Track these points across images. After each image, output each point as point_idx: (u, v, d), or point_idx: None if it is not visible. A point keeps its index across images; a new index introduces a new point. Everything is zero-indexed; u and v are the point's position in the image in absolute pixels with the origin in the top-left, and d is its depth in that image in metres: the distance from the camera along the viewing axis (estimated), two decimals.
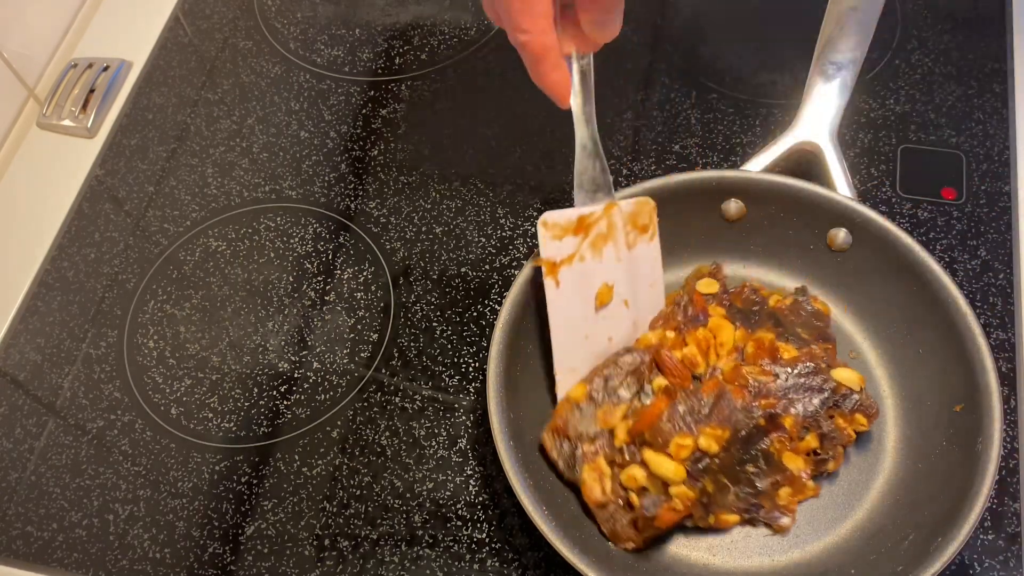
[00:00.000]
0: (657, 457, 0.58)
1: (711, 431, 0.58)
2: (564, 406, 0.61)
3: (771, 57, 0.82)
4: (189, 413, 0.69)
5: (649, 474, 0.58)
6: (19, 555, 0.64)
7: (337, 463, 0.66)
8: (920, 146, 0.76)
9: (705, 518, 0.60)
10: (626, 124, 0.79)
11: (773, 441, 0.59)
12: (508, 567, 0.62)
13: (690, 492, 0.58)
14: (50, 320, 0.74)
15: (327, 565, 0.63)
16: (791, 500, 0.61)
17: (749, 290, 0.66)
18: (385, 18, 0.88)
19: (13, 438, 0.69)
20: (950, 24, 0.82)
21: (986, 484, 0.56)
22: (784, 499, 0.61)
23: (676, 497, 0.58)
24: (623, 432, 0.60)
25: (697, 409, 0.59)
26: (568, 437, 0.60)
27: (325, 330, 0.72)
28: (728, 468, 0.59)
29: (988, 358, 0.59)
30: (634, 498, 0.59)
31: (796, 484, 0.61)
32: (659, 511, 0.58)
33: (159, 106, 0.84)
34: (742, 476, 0.59)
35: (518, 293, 0.63)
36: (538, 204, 0.76)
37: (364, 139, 0.80)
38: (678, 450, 0.58)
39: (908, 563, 0.56)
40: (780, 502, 0.61)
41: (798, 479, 0.60)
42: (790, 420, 0.60)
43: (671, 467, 0.58)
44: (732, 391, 0.59)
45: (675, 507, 0.58)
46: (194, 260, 0.76)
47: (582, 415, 0.61)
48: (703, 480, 0.58)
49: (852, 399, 0.61)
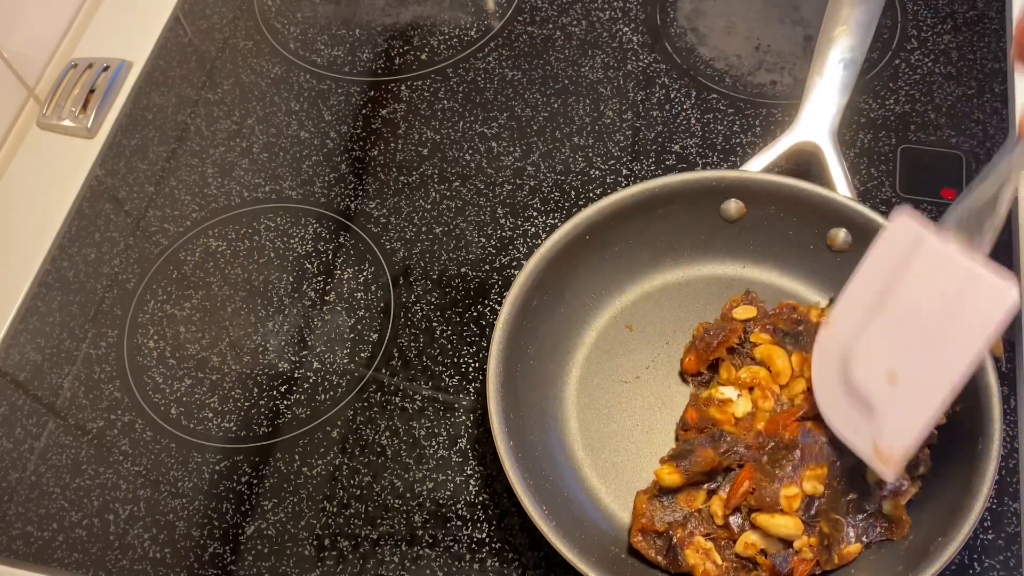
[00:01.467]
0: (771, 519, 0.57)
1: (811, 473, 0.57)
2: (641, 504, 0.59)
3: (771, 57, 0.82)
4: (189, 413, 0.69)
5: (766, 536, 0.57)
6: (19, 555, 0.64)
7: (337, 463, 0.66)
8: (920, 146, 0.76)
9: (832, 560, 0.58)
10: (626, 124, 0.79)
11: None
12: (508, 567, 0.62)
13: (813, 540, 0.57)
14: (50, 320, 0.74)
15: (327, 565, 0.63)
16: (898, 508, 0.59)
17: (788, 309, 0.64)
18: (385, 18, 0.88)
19: (13, 438, 0.69)
20: (950, 24, 0.82)
21: (986, 484, 0.55)
22: (890, 508, 0.59)
23: (801, 549, 0.57)
24: (718, 507, 0.59)
25: (787, 457, 0.58)
26: (658, 531, 0.59)
27: (325, 330, 0.72)
28: (836, 502, 0.58)
29: (988, 358, 0.59)
30: (762, 560, 0.57)
31: (898, 492, 0.59)
32: (791, 566, 0.57)
33: (159, 106, 0.84)
34: (850, 505, 0.58)
35: (518, 293, 0.63)
36: (538, 204, 0.76)
37: (364, 139, 0.80)
38: (789, 503, 0.57)
39: (908, 563, 0.56)
40: (889, 511, 0.59)
41: (899, 487, 0.58)
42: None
43: (789, 523, 0.56)
44: (811, 426, 0.58)
45: (805, 557, 0.57)
46: (194, 260, 0.76)
47: (664, 506, 0.59)
48: (819, 524, 0.57)
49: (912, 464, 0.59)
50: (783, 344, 0.63)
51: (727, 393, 0.62)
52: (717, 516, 0.59)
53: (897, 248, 0.53)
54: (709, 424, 0.62)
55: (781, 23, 0.84)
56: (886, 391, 0.53)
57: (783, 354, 0.62)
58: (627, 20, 0.85)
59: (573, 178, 0.77)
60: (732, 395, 0.62)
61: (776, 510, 0.57)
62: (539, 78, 0.82)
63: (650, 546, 0.59)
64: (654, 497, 0.60)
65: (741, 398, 0.62)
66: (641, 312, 0.69)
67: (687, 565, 0.58)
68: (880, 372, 0.53)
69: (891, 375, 0.52)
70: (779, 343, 0.63)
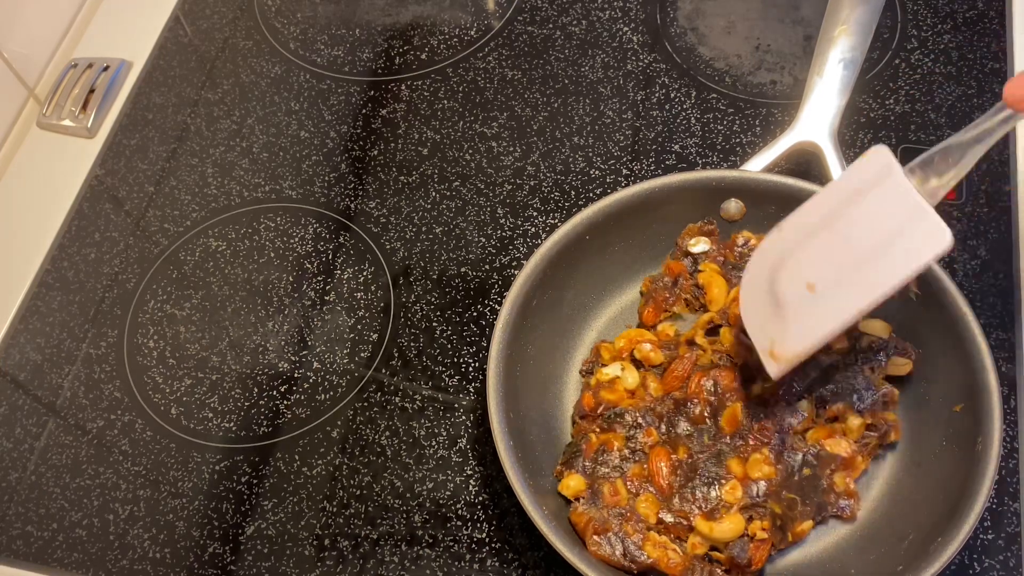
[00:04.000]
0: (711, 526, 0.57)
1: (757, 456, 0.58)
2: (576, 514, 0.59)
3: (771, 57, 0.82)
4: (189, 413, 0.69)
5: (710, 539, 0.58)
6: (19, 555, 0.65)
7: (337, 463, 0.66)
8: (920, 146, 0.76)
9: (786, 539, 0.58)
10: (626, 124, 0.79)
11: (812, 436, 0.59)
12: (508, 567, 0.62)
13: (764, 522, 0.57)
14: (50, 320, 0.74)
15: (327, 565, 0.63)
16: (847, 483, 0.60)
17: (742, 240, 0.64)
18: (385, 18, 0.88)
19: (13, 438, 0.69)
20: (950, 24, 0.82)
21: (986, 484, 0.56)
22: (841, 484, 0.60)
23: (755, 533, 0.57)
24: (647, 509, 0.59)
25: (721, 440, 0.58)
26: (609, 532, 0.58)
27: (325, 330, 0.72)
28: (786, 481, 0.58)
29: (988, 358, 0.59)
30: (718, 555, 0.58)
31: (848, 465, 0.60)
32: (749, 554, 0.57)
33: (159, 106, 0.84)
34: (803, 483, 0.59)
35: (518, 293, 0.63)
36: (538, 204, 0.76)
37: (364, 139, 0.80)
38: (732, 494, 0.57)
39: (908, 563, 0.56)
40: (838, 489, 0.60)
41: (849, 459, 0.60)
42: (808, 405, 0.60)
43: (730, 527, 0.57)
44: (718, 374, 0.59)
45: (761, 539, 0.57)
46: (194, 260, 0.76)
47: (597, 508, 0.59)
48: (769, 504, 0.58)
49: (885, 349, 0.61)
50: (728, 276, 0.64)
51: (612, 371, 0.63)
52: (650, 517, 0.58)
53: (864, 175, 0.55)
54: (605, 406, 0.62)
55: (781, 23, 0.84)
56: (801, 298, 0.56)
57: (722, 283, 0.63)
58: (627, 20, 0.85)
59: (573, 178, 0.77)
60: (617, 371, 0.63)
61: (713, 517, 0.57)
62: (539, 78, 0.82)
63: (607, 550, 0.58)
64: (579, 501, 0.59)
65: (626, 371, 0.63)
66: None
67: (650, 562, 0.58)
68: (803, 281, 0.56)
69: (811, 285, 0.55)
70: (724, 274, 0.64)
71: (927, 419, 0.62)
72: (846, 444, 0.60)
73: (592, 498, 0.59)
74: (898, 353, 0.62)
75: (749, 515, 0.58)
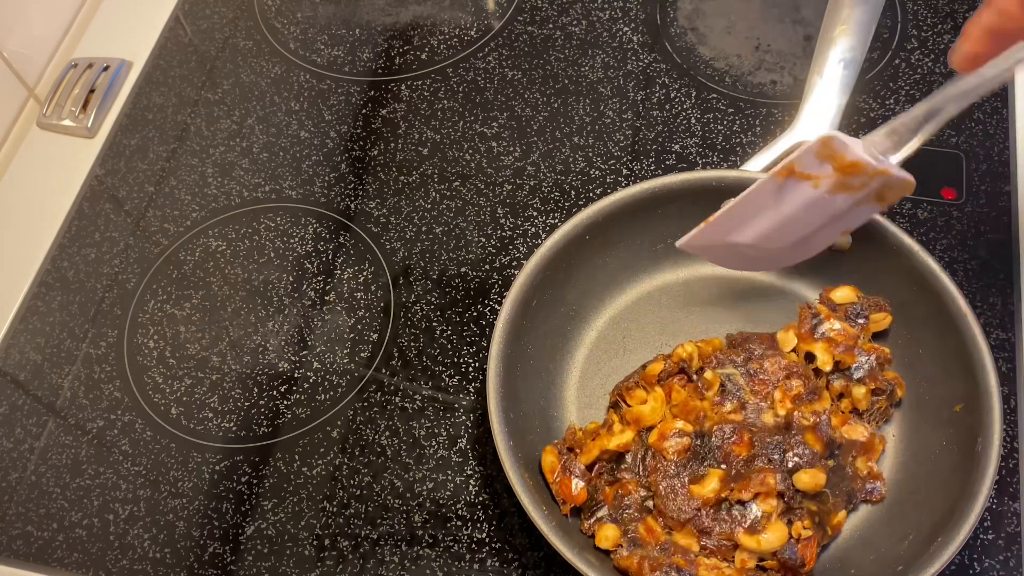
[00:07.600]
0: (754, 538, 0.57)
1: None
2: (624, 559, 0.58)
3: (771, 57, 0.82)
4: (189, 413, 0.69)
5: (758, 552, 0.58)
6: (19, 555, 0.65)
7: (337, 463, 0.66)
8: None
9: (826, 534, 0.58)
10: (626, 124, 0.79)
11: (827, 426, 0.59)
12: (508, 567, 0.62)
13: (805, 521, 0.57)
14: (50, 320, 0.74)
15: (327, 565, 0.63)
16: (869, 466, 0.61)
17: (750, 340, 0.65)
18: (385, 18, 0.88)
19: (13, 438, 0.69)
20: (950, 24, 0.82)
21: (986, 484, 0.56)
22: (864, 468, 0.60)
23: (800, 533, 0.57)
24: (686, 539, 0.58)
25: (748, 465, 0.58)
26: (664, 566, 0.57)
27: (325, 330, 0.72)
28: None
29: (988, 358, 0.59)
30: (769, 563, 0.58)
31: (867, 449, 0.60)
32: (800, 554, 0.57)
33: (159, 106, 0.84)
34: (829, 475, 0.58)
35: (518, 293, 0.63)
36: (538, 204, 0.76)
37: (364, 139, 0.80)
38: (766, 504, 0.57)
39: (908, 563, 0.56)
40: (862, 474, 0.60)
41: (867, 443, 0.60)
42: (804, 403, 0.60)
43: (776, 535, 0.57)
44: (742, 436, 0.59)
45: (807, 537, 0.57)
46: (194, 260, 0.76)
47: (640, 548, 0.58)
48: (805, 505, 0.57)
49: (861, 311, 0.63)
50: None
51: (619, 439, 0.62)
52: (692, 545, 0.58)
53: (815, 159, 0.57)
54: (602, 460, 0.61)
55: (781, 23, 0.84)
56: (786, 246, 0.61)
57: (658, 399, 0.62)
58: (627, 20, 0.85)
59: (573, 178, 0.77)
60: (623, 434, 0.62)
61: (756, 531, 0.57)
62: (539, 78, 0.82)
63: None
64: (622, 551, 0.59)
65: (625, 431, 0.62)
66: (641, 312, 0.69)
67: None
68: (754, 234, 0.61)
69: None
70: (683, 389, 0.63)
71: (927, 419, 0.62)
72: (862, 428, 0.60)
73: (630, 543, 0.59)
74: (875, 309, 0.64)
75: (788, 519, 0.57)
